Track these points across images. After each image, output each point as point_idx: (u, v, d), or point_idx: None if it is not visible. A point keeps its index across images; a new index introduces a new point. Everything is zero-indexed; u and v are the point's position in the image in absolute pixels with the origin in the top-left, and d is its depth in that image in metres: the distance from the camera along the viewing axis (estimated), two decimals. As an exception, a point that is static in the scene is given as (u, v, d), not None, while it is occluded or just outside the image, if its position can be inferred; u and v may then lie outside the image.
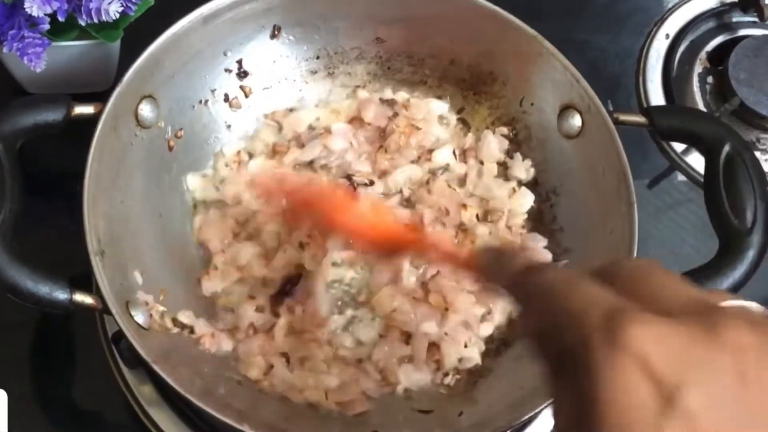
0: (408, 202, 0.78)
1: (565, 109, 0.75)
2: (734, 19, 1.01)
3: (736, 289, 0.65)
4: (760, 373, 0.31)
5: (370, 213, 0.67)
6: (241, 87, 0.80)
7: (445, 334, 0.71)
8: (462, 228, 0.77)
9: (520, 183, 0.79)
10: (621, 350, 0.31)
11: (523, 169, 0.79)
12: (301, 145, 0.79)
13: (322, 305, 0.72)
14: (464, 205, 0.77)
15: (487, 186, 0.78)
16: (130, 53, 0.73)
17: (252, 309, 0.72)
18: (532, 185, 0.79)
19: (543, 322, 0.37)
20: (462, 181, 0.79)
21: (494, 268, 0.44)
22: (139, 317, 0.64)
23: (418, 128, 0.80)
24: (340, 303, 0.74)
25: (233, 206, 0.76)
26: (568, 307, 0.35)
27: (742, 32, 0.99)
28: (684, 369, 0.31)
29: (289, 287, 0.73)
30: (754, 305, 0.34)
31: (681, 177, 0.91)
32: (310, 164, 0.79)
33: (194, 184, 0.77)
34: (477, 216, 0.77)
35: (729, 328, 0.32)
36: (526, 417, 0.62)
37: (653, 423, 0.30)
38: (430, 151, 0.80)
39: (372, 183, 0.78)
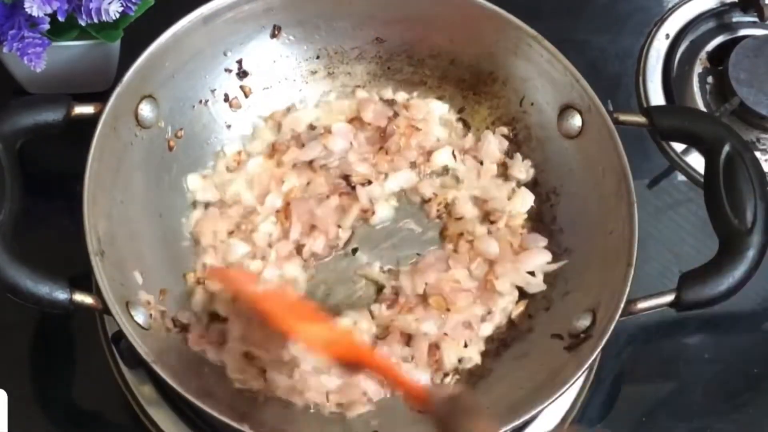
0: (408, 202, 0.78)
1: (565, 109, 0.75)
2: (734, 19, 1.01)
3: (736, 289, 0.65)
4: None
5: (326, 332, 0.64)
6: (241, 87, 0.80)
7: (445, 334, 0.71)
8: (460, 224, 0.77)
9: (519, 183, 0.79)
10: None
11: (522, 169, 0.79)
12: (301, 145, 0.79)
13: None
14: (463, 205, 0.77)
15: (486, 186, 0.78)
16: (130, 53, 0.73)
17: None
18: (532, 185, 0.79)
19: None
20: (461, 181, 0.79)
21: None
22: (139, 317, 0.64)
23: (418, 129, 0.80)
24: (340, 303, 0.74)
25: (232, 206, 0.76)
26: None
27: (742, 32, 0.99)
28: None
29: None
30: None
31: (681, 177, 0.91)
32: (310, 164, 0.79)
33: (194, 184, 0.76)
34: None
35: None
36: (526, 417, 0.62)
37: None
38: (430, 152, 0.80)
39: (369, 183, 0.78)
